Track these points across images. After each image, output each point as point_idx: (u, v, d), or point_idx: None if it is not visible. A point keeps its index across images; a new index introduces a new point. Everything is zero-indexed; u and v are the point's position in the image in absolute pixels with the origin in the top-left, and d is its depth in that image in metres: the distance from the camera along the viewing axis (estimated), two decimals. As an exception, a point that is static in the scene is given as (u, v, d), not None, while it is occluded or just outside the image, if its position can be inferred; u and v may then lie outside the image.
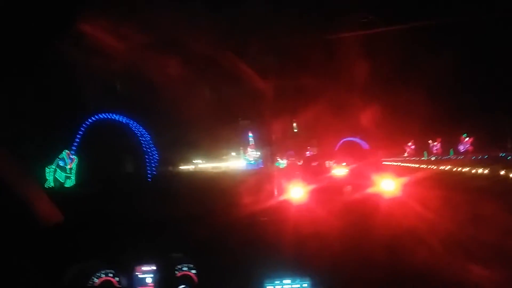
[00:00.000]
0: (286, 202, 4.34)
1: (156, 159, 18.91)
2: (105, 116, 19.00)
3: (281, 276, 3.04)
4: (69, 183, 19.40)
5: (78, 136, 19.38)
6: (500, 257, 2.75)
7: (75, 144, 19.61)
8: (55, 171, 18.80)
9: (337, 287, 2.93)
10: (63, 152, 19.11)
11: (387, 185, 4.20)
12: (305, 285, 3.02)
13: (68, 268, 3.02)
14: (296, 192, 4.31)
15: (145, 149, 19.06)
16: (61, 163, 19.12)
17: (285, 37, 7.23)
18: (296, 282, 3.03)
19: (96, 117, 19.02)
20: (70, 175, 19.49)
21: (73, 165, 19.54)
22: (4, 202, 2.65)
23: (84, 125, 19.08)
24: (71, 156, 19.39)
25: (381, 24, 5.94)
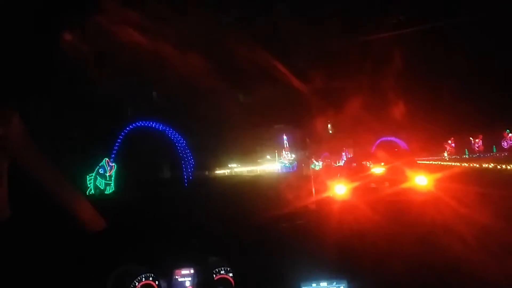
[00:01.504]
0: (323, 203, 4.40)
1: (192, 164, 19.25)
2: (142, 124, 19.51)
3: (318, 279, 3.03)
4: (109, 190, 19.98)
5: (117, 144, 19.93)
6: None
7: (114, 152, 20.15)
8: (95, 178, 19.40)
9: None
10: (103, 160, 19.71)
11: (421, 181, 4.37)
12: (342, 287, 3.00)
13: (111, 273, 3.12)
14: (339, 189, 4.53)
15: (181, 155, 19.44)
16: (101, 171, 19.74)
17: (320, 40, 7.22)
18: (333, 284, 3.02)
19: (134, 125, 19.55)
20: (110, 182, 20.08)
21: (113, 173, 20.11)
22: (48, 210, 2.78)
23: (122, 133, 19.63)
24: (110, 164, 19.96)
25: (414, 24, 5.86)
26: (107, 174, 20.11)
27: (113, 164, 20.08)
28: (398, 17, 6.07)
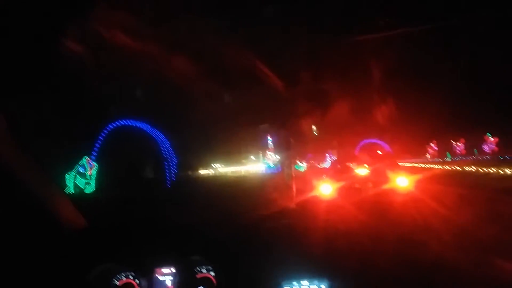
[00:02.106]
0: (307, 203, 4.49)
1: (175, 165, 19.10)
2: (125, 123, 19.30)
3: (299, 278, 3.08)
4: (89, 189, 19.74)
5: (98, 142, 19.68)
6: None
7: (95, 150, 19.91)
8: (75, 177, 19.12)
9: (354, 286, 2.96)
10: (83, 159, 19.44)
11: (403, 183, 4.59)
12: (323, 286, 3.05)
13: (90, 271, 3.11)
14: (325, 189, 4.70)
15: (164, 155, 19.26)
16: (81, 170, 19.43)
17: (305, 41, 7.28)
18: (314, 283, 3.07)
19: (116, 123, 19.32)
20: (90, 181, 19.80)
21: (93, 172, 19.84)
22: (29, 208, 2.77)
23: (104, 131, 19.39)
24: (91, 163, 19.68)
25: (399, 26, 5.96)
26: (87, 173, 19.82)
27: (93, 163, 19.81)
28: (383, 19, 6.16)
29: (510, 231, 3.00)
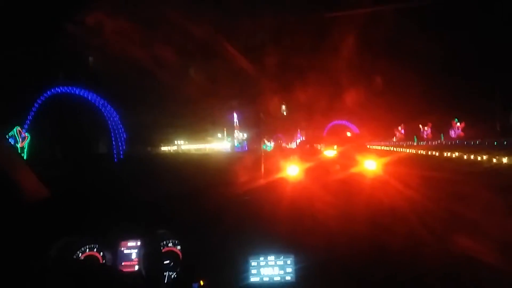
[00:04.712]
0: (275, 182, 4.84)
1: (124, 140, 18.81)
2: (67, 91, 18.64)
3: (266, 253, 3.41)
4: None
5: (32, 111, 19.01)
6: (477, 231, 3.19)
7: (28, 120, 19.23)
8: (3, 150, 18.42)
9: (320, 263, 3.31)
10: (14, 129, 18.78)
11: (371, 166, 4.98)
12: (289, 261, 3.39)
13: (53, 243, 3.31)
14: (292, 170, 5.05)
15: (111, 128, 18.87)
16: (11, 141, 18.77)
17: (277, 18, 7.48)
18: (280, 258, 3.40)
19: (54, 90, 18.62)
20: (21, 155, 19.16)
21: (25, 144, 19.25)
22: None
23: (39, 99, 18.71)
24: (23, 134, 19.07)
25: (373, 4, 6.26)
26: (19, 146, 19.21)
27: (26, 134, 19.20)
28: None
29: (470, 209, 3.46)
